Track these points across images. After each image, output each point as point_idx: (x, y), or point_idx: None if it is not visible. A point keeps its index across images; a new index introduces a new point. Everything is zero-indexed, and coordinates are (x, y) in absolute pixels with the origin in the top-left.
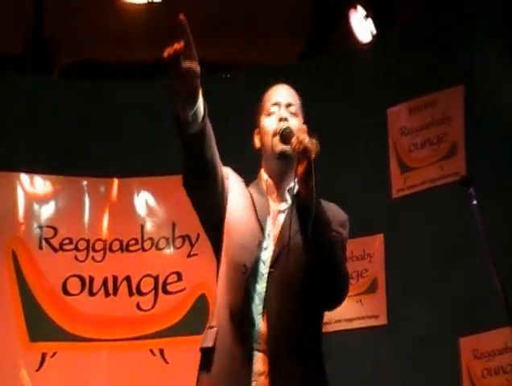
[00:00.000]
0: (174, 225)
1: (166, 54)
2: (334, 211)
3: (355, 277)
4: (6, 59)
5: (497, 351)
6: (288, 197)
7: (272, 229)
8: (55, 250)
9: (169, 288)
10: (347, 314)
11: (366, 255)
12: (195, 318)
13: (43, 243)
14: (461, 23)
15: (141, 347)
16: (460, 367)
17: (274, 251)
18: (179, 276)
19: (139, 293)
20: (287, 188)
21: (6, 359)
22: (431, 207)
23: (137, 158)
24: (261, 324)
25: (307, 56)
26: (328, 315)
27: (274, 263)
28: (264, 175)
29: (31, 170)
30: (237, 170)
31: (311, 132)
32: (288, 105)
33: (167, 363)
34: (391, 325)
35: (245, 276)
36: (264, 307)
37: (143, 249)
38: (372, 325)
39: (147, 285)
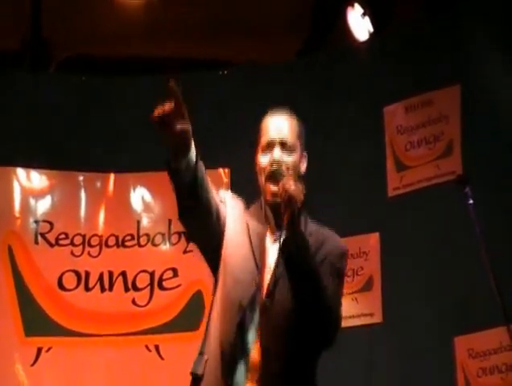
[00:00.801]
0: (170, 221)
1: (155, 114)
2: (333, 243)
3: (351, 275)
4: (3, 55)
5: (492, 351)
6: (282, 234)
7: (268, 259)
8: (51, 245)
9: (165, 284)
10: (343, 312)
11: (362, 253)
12: (190, 315)
13: (39, 238)
14: (458, 22)
15: (136, 343)
16: (455, 367)
17: (269, 281)
18: (175, 272)
19: (135, 288)
20: (283, 225)
21: (1, 354)
22: (427, 205)
23: (133, 153)
24: (253, 354)
25: (305, 54)
26: None
27: (268, 294)
28: (263, 204)
29: (28, 164)
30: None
31: (300, 176)
32: (282, 143)
33: (162, 359)
34: (386, 323)
35: (240, 314)
36: (257, 337)
37: (139, 245)
38: (367, 323)
39: (143, 281)
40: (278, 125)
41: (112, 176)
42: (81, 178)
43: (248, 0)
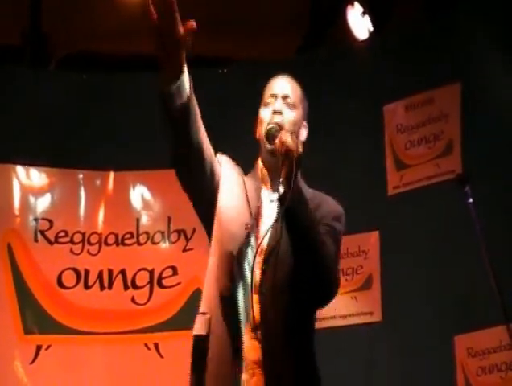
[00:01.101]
0: (169, 219)
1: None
2: (329, 205)
3: (350, 274)
4: (3, 51)
5: (492, 350)
6: (280, 188)
7: (262, 218)
8: (50, 243)
9: (164, 282)
10: (342, 311)
11: (361, 252)
12: (190, 313)
13: (39, 235)
14: (458, 21)
15: (136, 341)
16: (455, 365)
17: (268, 241)
18: (175, 270)
19: (134, 286)
20: (280, 180)
21: (0, 351)
22: (426, 204)
23: (133, 151)
24: (254, 310)
25: (305, 52)
26: (323, 311)
27: (266, 252)
28: (260, 163)
29: (27, 162)
30: (236, 160)
31: (299, 129)
32: (285, 97)
33: (161, 357)
34: (386, 322)
35: (233, 262)
36: (257, 294)
37: (139, 243)
38: (366, 321)
39: (142, 279)
40: (283, 83)
41: (111, 174)
42: (81, 176)
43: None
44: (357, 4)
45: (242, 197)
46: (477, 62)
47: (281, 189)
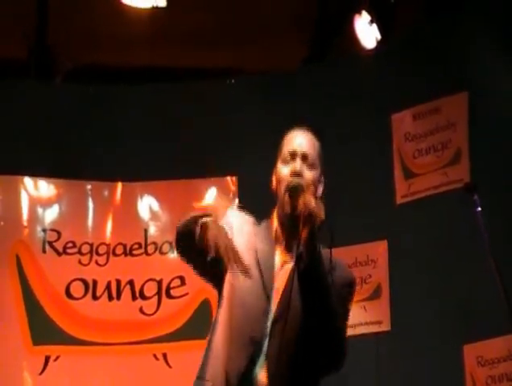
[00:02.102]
0: None
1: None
2: (342, 270)
3: (359, 283)
4: (10, 64)
5: (502, 359)
6: (294, 247)
7: (276, 282)
8: (58, 254)
9: (172, 292)
10: (350, 320)
11: (370, 261)
12: (198, 323)
13: (47, 246)
14: (465, 30)
15: (144, 352)
16: (464, 375)
17: (278, 305)
18: (183, 280)
19: (142, 297)
20: (298, 242)
21: (9, 363)
22: (435, 213)
23: (141, 162)
24: (261, 378)
25: (311, 62)
26: None
27: (277, 317)
28: (275, 222)
29: (35, 173)
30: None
31: (319, 190)
32: (304, 157)
33: (170, 367)
34: (395, 331)
35: (252, 347)
36: (265, 359)
37: (147, 253)
38: (375, 331)
39: (151, 290)
40: (302, 139)
41: (119, 185)
42: (89, 186)
43: (254, 8)
44: (364, 13)
45: (256, 273)
46: (485, 70)
47: (298, 249)
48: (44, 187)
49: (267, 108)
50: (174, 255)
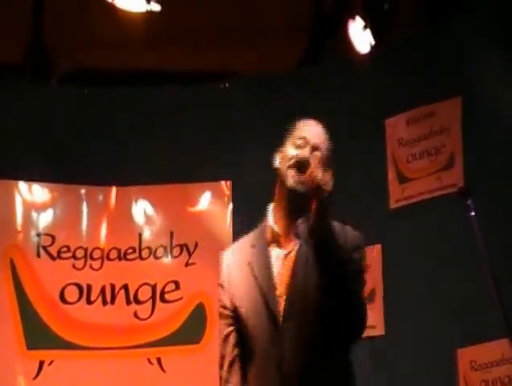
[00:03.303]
0: (172, 234)
1: None
2: (349, 236)
3: None
4: (5, 66)
5: (495, 363)
6: (294, 239)
7: (280, 277)
8: (52, 258)
9: (167, 297)
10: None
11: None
12: (192, 328)
13: (41, 251)
14: (459, 35)
15: (138, 356)
16: (458, 379)
17: (286, 301)
18: (177, 285)
19: (137, 301)
20: (296, 227)
21: (3, 367)
22: (428, 218)
23: (135, 166)
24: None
25: (306, 65)
26: None
27: (286, 314)
28: (270, 220)
29: (30, 177)
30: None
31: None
32: (315, 148)
33: (164, 371)
34: (388, 335)
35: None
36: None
37: (141, 258)
38: (369, 335)
39: (145, 294)
40: (314, 129)
41: (114, 189)
42: (83, 191)
43: (248, 11)
44: (358, 18)
45: (260, 302)
46: (479, 75)
47: (310, 224)
48: (38, 192)
49: (262, 112)
50: (168, 259)
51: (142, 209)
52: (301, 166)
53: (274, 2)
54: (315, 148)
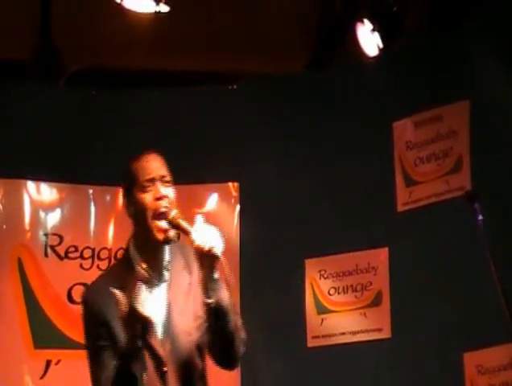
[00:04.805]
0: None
1: None
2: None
3: (360, 290)
4: (14, 66)
5: (502, 367)
6: (165, 273)
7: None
8: (60, 258)
9: None
10: (351, 327)
11: (371, 268)
12: None
13: (49, 250)
14: (467, 38)
15: None
16: (464, 383)
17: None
18: None
19: None
20: (163, 265)
21: (10, 366)
22: (436, 221)
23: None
24: None
25: (313, 68)
26: (333, 328)
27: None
28: (134, 260)
29: (38, 177)
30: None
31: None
32: (162, 177)
33: None
34: (395, 338)
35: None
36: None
37: None
38: (376, 338)
39: None
40: (154, 163)
41: (122, 190)
42: (91, 191)
43: (256, 14)
44: (366, 20)
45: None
46: (487, 78)
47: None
48: (47, 191)
49: (269, 114)
50: None
51: None
52: (165, 216)
53: (283, 4)
54: (162, 178)
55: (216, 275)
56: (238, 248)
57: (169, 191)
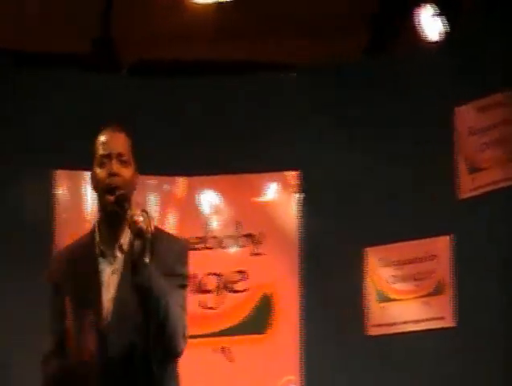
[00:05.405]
0: (238, 224)
1: None
2: (171, 245)
3: (421, 279)
4: (74, 58)
5: None
6: (119, 254)
7: (107, 293)
8: None
9: (233, 286)
10: (413, 316)
11: (432, 256)
12: (258, 317)
13: None
14: None
15: (204, 345)
16: None
17: (112, 316)
18: (243, 274)
19: (203, 291)
20: (118, 245)
21: None
22: (498, 207)
23: (202, 156)
24: None
25: (372, 55)
26: (395, 317)
27: (110, 328)
28: (96, 236)
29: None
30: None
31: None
32: (119, 155)
33: (230, 361)
34: (458, 327)
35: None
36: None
37: (207, 247)
38: (438, 327)
39: (211, 283)
40: (113, 139)
41: (181, 179)
42: (151, 181)
43: (312, 1)
44: (428, 5)
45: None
46: None
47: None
48: None
49: (328, 102)
50: (234, 249)
51: (208, 199)
52: (112, 191)
53: None
54: (118, 156)
55: (147, 260)
56: (297, 237)
57: (124, 171)
